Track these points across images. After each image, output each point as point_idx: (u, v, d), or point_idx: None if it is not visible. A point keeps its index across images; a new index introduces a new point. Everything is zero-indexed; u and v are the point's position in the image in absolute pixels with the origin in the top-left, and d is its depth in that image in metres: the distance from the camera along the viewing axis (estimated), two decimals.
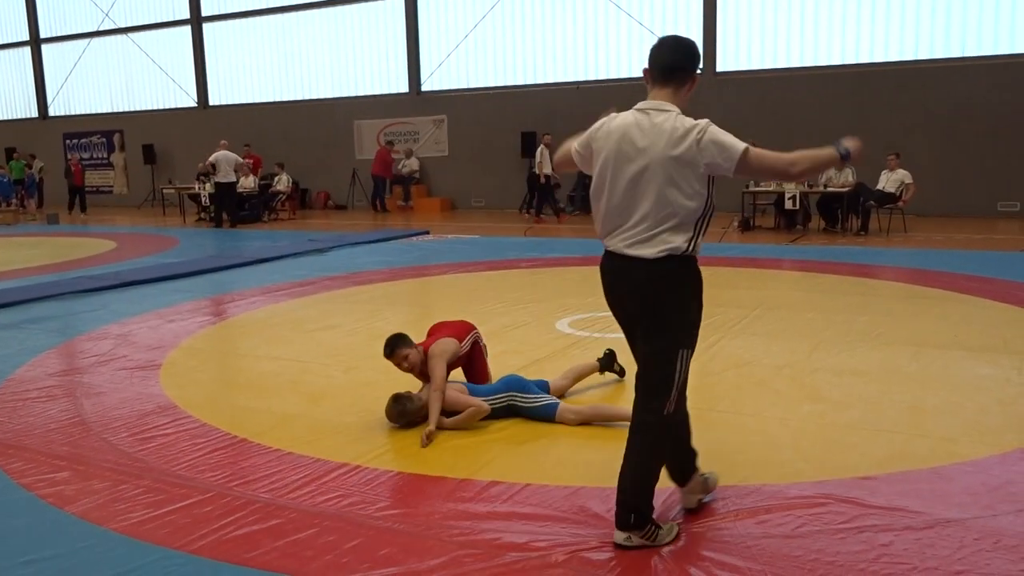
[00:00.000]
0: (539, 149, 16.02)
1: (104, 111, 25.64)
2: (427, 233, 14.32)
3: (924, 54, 15.29)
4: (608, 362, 5.09)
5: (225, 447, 4.19)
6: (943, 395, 4.78)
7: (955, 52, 15.05)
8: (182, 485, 3.70)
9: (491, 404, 4.42)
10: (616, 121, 3.00)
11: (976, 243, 11.33)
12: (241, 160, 17.01)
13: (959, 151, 14.67)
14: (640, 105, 2.97)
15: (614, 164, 2.95)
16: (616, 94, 17.71)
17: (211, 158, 16.60)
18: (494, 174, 19.14)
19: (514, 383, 4.54)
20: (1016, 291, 7.70)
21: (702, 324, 3.11)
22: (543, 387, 4.60)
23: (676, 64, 2.95)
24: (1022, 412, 4.47)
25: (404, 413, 4.37)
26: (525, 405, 4.45)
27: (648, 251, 2.90)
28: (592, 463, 3.90)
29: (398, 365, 4.53)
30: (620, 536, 3.03)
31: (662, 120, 2.88)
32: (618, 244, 2.99)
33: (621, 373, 5.09)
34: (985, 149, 14.50)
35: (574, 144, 3.18)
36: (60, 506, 3.53)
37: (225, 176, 16.51)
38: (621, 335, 3.27)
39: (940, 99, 14.83)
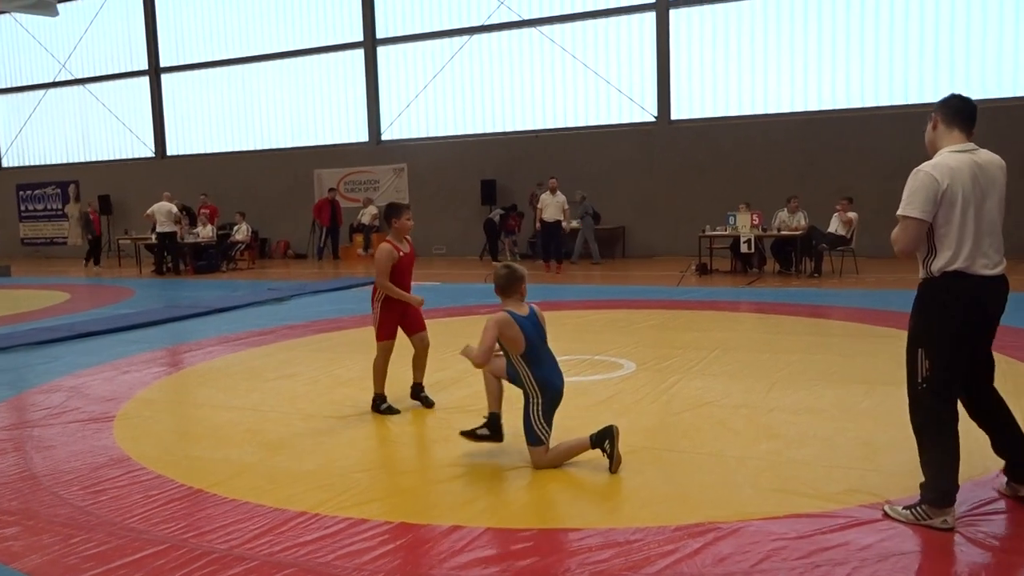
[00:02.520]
0: (543, 195, 15.35)
1: (59, 162, 25.39)
2: None
3: (869, 102, 15.84)
4: (600, 439, 4.35)
5: (180, 498, 4.11)
6: (895, 431, 4.87)
7: (898, 100, 15.61)
8: (135, 538, 3.62)
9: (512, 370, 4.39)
10: (951, 159, 3.39)
11: None
12: (175, 210, 17.36)
13: None
14: (965, 147, 3.44)
15: (976, 198, 3.38)
16: (574, 142, 18.24)
17: (149, 210, 17.35)
18: (455, 222, 19.27)
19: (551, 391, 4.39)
20: None
21: (662, 366, 3.17)
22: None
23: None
24: (970, 446, 4.53)
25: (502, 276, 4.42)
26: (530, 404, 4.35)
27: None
28: (554, 504, 3.90)
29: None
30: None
31: (992, 158, 3.47)
32: (995, 268, 3.44)
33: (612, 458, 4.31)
34: None
35: (915, 217, 3.44)
36: (7, 563, 3.43)
37: (161, 226, 17.24)
38: (580, 378, 3.29)
39: (884, 145, 15.31)
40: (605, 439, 4.29)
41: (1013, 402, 5.32)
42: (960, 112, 3.47)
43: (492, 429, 4.51)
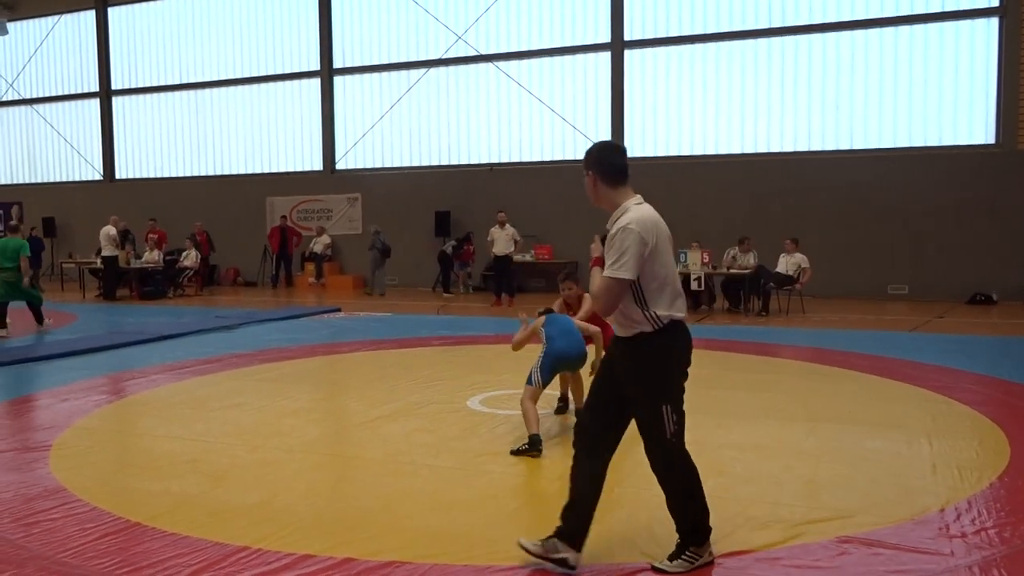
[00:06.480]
0: (492, 228, 15.56)
1: (3, 182, 24.77)
2: (339, 310, 14.18)
3: (816, 146, 16.27)
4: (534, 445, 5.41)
5: (116, 532, 3.99)
6: (838, 468, 4.95)
7: (843, 145, 16.08)
8: (67, 573, 3.50)
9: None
10: (648, 213, 3.48)
11: (868, 323, 11.90)
12: (112, 234, 17.03)
13: (850, 236, 15.51)
14: (640, 199, 3.53)
15: (668, 248, 3.51)
16: (527, 176, 18.37)
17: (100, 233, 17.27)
18: (408, 252, 19.20)
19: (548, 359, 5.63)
20: (905, 368, 8.10)
21: None
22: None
23: None
24: (911, 484, 4.66)
25: None
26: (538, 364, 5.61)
27: None
28: (496, 540, 3.87)
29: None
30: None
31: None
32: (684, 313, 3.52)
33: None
34: (874, 235, 15.39)
35: (628, 279, 3.32)
36: None
37: (104, 250, 17.07)
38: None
39: (829, 188, 15.73)
40: (533, 447, 5.30)
41: (951, 443, 5.46)
42: (623, 170, 3.53)
43: (532, 444, 5.32)
